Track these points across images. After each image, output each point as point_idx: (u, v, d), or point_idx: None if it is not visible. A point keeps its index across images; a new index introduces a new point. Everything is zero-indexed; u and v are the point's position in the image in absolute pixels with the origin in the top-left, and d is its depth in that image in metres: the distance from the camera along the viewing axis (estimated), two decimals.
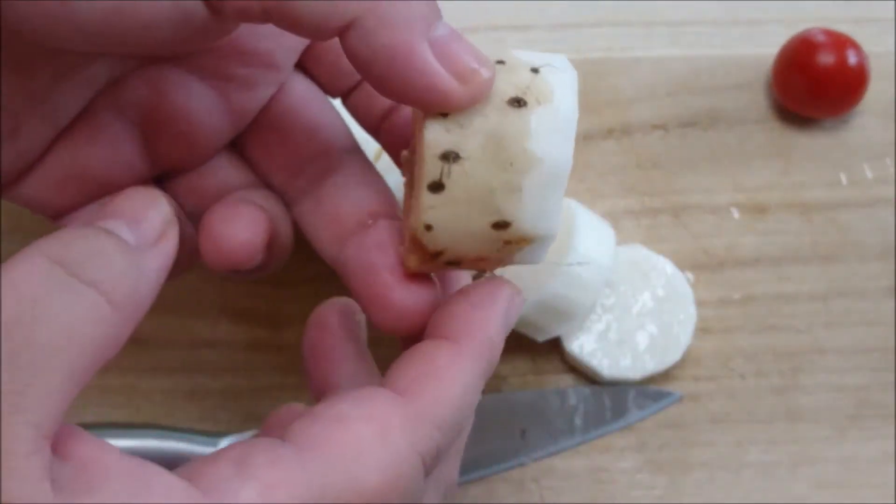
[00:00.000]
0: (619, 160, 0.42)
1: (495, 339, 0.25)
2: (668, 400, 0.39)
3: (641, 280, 0.39)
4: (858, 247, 0.42)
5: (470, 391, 0.24)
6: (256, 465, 0.21)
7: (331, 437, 0.22)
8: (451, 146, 0.24)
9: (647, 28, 0.44)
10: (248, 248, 0.26)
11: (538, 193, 0.24)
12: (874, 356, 0.41)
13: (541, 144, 0.24)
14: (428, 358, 0.24)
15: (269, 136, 0.28)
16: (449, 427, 0.23)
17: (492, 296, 0.25)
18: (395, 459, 0.22)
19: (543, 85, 0.24)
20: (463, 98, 0.23)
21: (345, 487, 0.21)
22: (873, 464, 0.39)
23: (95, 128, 0.26)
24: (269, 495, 0.20)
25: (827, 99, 0.42)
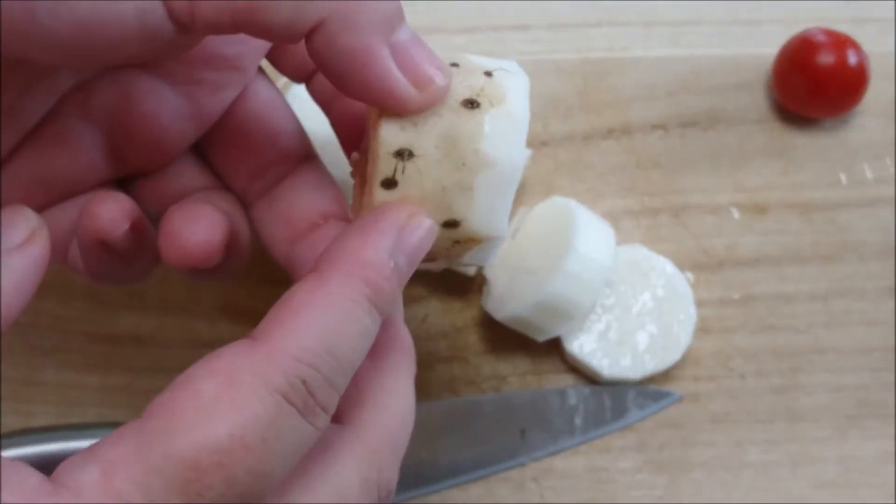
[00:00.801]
0: (619, 160, 0.42)
1: (376, 261, 0.23)
2: (668, 400, 0.39)
3: (641, 280, 0.39)
4: (858, 247, 0.42)
5: (343, 318, 0.22)
6: (101, 445, 0.21)
7: (174, 402, 0.21)
8: (406, 144, 0.24)
9: (647, 28, 0.44)
10: (207, 248, 0.26)
11: (489, 194, 0.25)
12: (874, 356, 0.41)
13: (493, 146, 0.24)
14: (288, 296, 0.23)
15: (233, 141, 0.29)
16: (317, 357, 0.22)
17: (375, 219, 0.24)
18: (244, 405, 0.21)
19: (497, 88, 0.24)
20: (419, 104, 0.23)
21: (192, 448, 0.20)
22: (873, 464, 0.39)
23: (62, 132, 0.26)
24: (110, 474, 0.20)
25: (827, 99, 0.42)
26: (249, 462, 0.20)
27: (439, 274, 0.39)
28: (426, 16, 0.44)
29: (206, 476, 0.20)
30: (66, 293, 0.40)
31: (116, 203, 0.26)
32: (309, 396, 0.21)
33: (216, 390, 0.21)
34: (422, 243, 0.24)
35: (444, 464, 0.38)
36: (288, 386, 0.21)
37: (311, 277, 0.23)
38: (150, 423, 0.21)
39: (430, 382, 0.39)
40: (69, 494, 0.20)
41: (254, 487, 0.21)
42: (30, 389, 0.39)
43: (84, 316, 0.40)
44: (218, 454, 0.20)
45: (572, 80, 0.43)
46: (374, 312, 0.23)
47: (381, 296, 0.23)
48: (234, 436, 0.20)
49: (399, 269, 0.24)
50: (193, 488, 0.20)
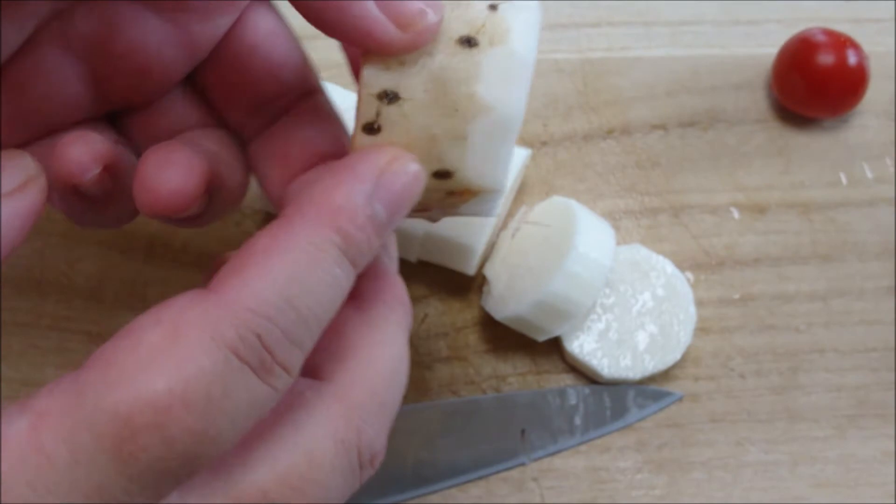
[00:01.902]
0: (619, 160, 0.42)
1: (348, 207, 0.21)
2: (668, 400, 0.39)
3: (641, 280, 0.39)
4: (858, 246, 0.42)
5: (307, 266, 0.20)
6: (36, 395, 0.19)
7: (116, 352, 0.19)
8: (390, 85, 0.22)
9: (647, 28, 0.44)
10: (181, 196, 0.24)
11: (485, 143, 0.22)
12: (874, 356, 0.41)
13: (491, 90, 0.22)
14: (250, 243, 0.21)
15: (230, 74, 0.27)
16: (274, 309, 0.19)
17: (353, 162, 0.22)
18: (187, 358, 0.18)
19: (500, 23, 0.22)
20: (401, 45, 0.21)
21: (125, 402, 0.18)
22: (873, 463, 0.39)
23: (40, 63, 0.24)
24: (38, 424, 0.18)
25: (827, 99, 0.42)
26: (189, 421, 0.18)
27: (439, 274, 0.39)
28: None
29: (141, 435, 0.18)
30: (66, 293, 0.40)
31: (87, 145, 0.24)
32: (265, 353, 0.19)
33: (159, 341, 0.19)
34: (405, 190, 0.22)
35: (444, 464, 0.38)
36: (239, 340, 0.19)
37: (277, 222, 0.21)
38: (86, 374, 0.19)
39: (430, 382, 0.39)
40: None
41: (196, 450, 0.19)
42: (30, 389, 0.39)
43: (84, 316, 0.40)
44: (154, 411, 0.18)
45: (572, 80, 0.43)
46: (344, 262, 0.21)
47: (353, 245, 0.21)
48: (174, 391, 0.18)
49: (376, 218, 0.21)
50: (126, 448, 0.18)
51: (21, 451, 0.18)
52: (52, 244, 0.40)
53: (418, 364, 0.40)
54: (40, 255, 0.40)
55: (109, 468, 0.18)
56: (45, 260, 0.40)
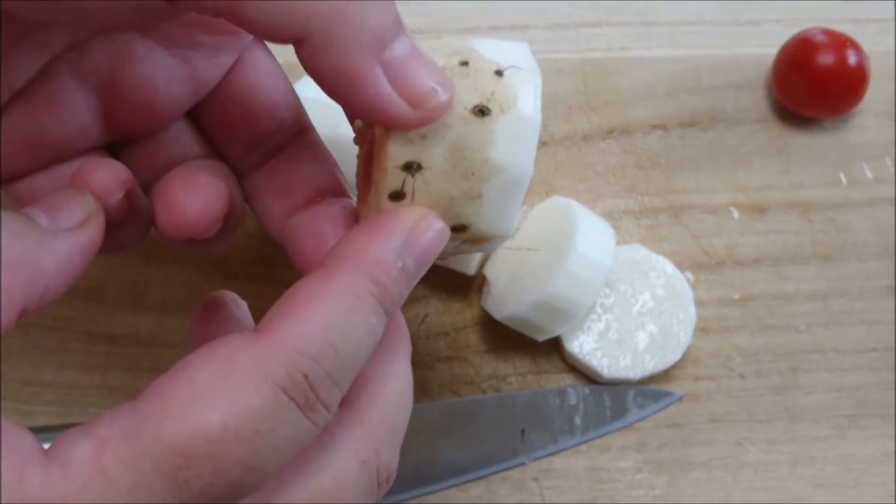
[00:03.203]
0: (619, 160, 0.42)
1: (383, 261, 0.23)
2: (668, 400, 0.39)
3: (641, 280, 0.39)
4: (858, 246, 0.42)
5: (347, 313, 0.22)
6: (97, 422, 0.21)
7: (172, 386, 0.21)
8: (414, 157, 0.24)
9: (647, 28, 0.44)
10: (206, 218, 0.25)
11: (498, 199, 0.24)
12: (874, 356, 0.41)
13: (503, 153, 0.24)
14: (293, 290, 0.22)
15: (229, 109, 0.28)
16: (319, 351, 0.21)
17: (384, 221, 0.24)
18: (240, 395, 0.20)
19: (508, 90, 0.24)
20: (416, 121, 0.23)
21: (183, 434, 0.20)
22: (873, 463, 0.39)
23: (53, 92, 0.26)
24: (101, 449, 0.20)
25: (827, 99, 0.42)
26: (240, 454, 0.20)
27: (439, 274, 0.39)
28: (425, 16, 0.44)
29: (195, 464, 0.20)
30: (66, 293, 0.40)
31: (110, 170, 0.25)
32: (310, 391, 0.21)
33: (213, 378, 0.20)
34: (432, 246, 0.24)
35: (444, 464, 0.38)
36: (288, 379, 0.21)
37: (318, 273, 0.23)
38: (145, 405, 0.20)
39: (430, 382, 0.39)
40: (58, 466, 0.20)
41: (244, 479, 0.20)
42: (30, 389, 0.39)
43: (84, 316, 0.40)
44: (209, 443, 0.20)
45: (572, 80, 0.43)
46: (379, 311, 0.23)
47: (388, 295, 0.23)
48: (228, 426, 0.20)
49: (407, 271, 0.23)
50: (182, 475, 0.20)
51: (85, 474, 0.20)
52: None
53: (418, 364, 0.40)
54: None
55: (166, 493, 0.20)
56: None
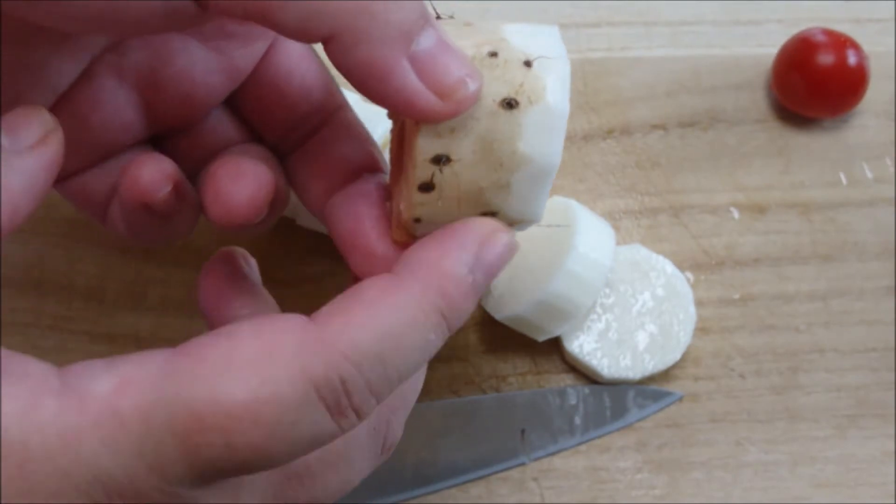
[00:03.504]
0: (619, 160, 0.42)
1: (455, 274, 0.23)
2: (668, 400, 0.39)
3: (641, 280, 0.39)
4: (858, 246, 0.42)
5: (407, 326, 0.21)
6: (126, 360, 0.21)
7: (212, 348, 0.21)
8: (442, 150, 0.24)
9: (647, 28, 0.44)
10: (254, 205, 0.26)
11: (526, 188, 0.24)
12: (874, 356, 0.41)
13: (531, 144, 0.24)
14: (359, 289, 0.22)
15: (265, 94, 0.29)
16: (366, 359, 0.21)
17: (457, 233, 0.23)
18: (273, 379, 0.20)
19: (536, 81, 0.24)
20: (445, 113, 0.23)
21: (204, 400, 0.20)
22: (873, 463, 0.39)
23: (96, 93, 0.26)
24: (121, 391, 0.20)
25: (827, 99, 0.42)
26: (254, 437, 0.20)
27: None
28: None
29: (208, 432, 0.20)
30: (66, 293, 0.40)
31: (158, 165, 0.26)
32: (344, 396, 0.21)
33: (253, 354, 0.20)
34: (501, 260, 0.24)
35: (444, 464, 0.38)
36: (325, 379, 0.20)
37: (388, 277, 0.23)
38: (178, 359, 0.20)
39: (430, 382, 0.39)
40: (74, 399, 0.20)
41: (252, 461, 0.20)
42: None
43: (84, 316, 0.40)
44: (227, 417, 0.20)
45: (572, 80, 0.43)
46: (442, 327, 0.22)
47: (455, 311, 0.23)
48: (249, 406, 0.20)
49: (476, 285, 0.23)
50: (193, 439, 0.20)
51: (100, 409, 0.20)
52: (52, 244, 0.40)
53: None
54: (40, 255, 0.40)
55: (174, 450, 0.20)
56: (45, 260, 0.40)
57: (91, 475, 0.20)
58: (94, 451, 0.19)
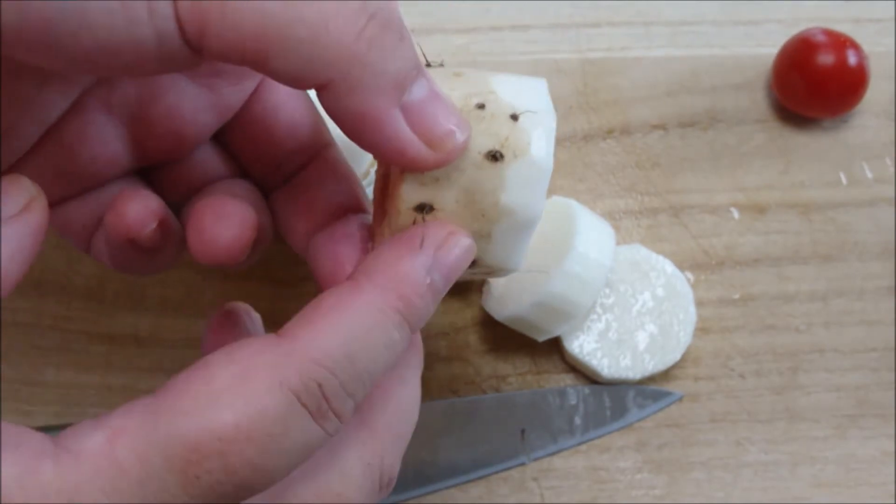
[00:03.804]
0: (619, 160, 0.42)
1: (412, 277, 0.23)
2: (668, 400, 0.39)
3: (641, 280, 0.39)
4: (858, 246, 0.42)
5: (369, 327, 0.22)
6: (111, 415, 0.21)
7: (191, 382, 0.21)
8: (426, 199, 0.24)
9: (647, 28, 0.44)
10: (238, 246, 0.26)
11: (507, 238, 0.25)
12: (874, 356, 0.41)
13: (514, 197, 0.24)
14: (319, 300, 0.23)
15: (253, 131, 0.29)
16: (336, 362, 0.22)
17: (413, 237, 0.24)
18: (255, 396, 0.21)
19: (521, 135, 0.24)
20: (433, 162, 0.23)
21: (195, 431, 0.20)
22: (873, 463, 0.39)
23: (84, 126, 0.27)
24: (114, 440, 0.20)
25: (827, 99, 0.42)
26: (250, 454, 0.20)
27: None
28: (426, 16, 0.44)
29: (206, 461, 0.20)
30: (66, 293, 0.40)
31: (144, 202, 0.26)
32: (323, 400, 0.22)
33: (230, 379, 0.21)
34: (459, 262, 0.24)
35: (444, 464, 0.38)
36: (303, 387, 0.21)
37: (346, 284, 0.23)
38: (161, 400, 0.21)
39: (430, 382, 0.39)
40: (69, 458, 0.20)
41: (252, 479, 0.21)
42: (30, 389, 0.39)
43: (84, 316, 0.40)
44: (220, 441, 0.20)
45: (572, 80, 0.43)
46: (404, 326, 0.23)
47: (414, 312, 0.23)
48: (240, 426, 0.20)
49: (434, 286, 0.24)
50: (192, 470, 0.20)
51: (97, 462, 0.20)
52: (52, 244, 0.40)
53: None
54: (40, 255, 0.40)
55: (176, 486, 0.20)
56: (45, 260, 0.40)
57: None
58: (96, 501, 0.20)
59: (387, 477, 0.25)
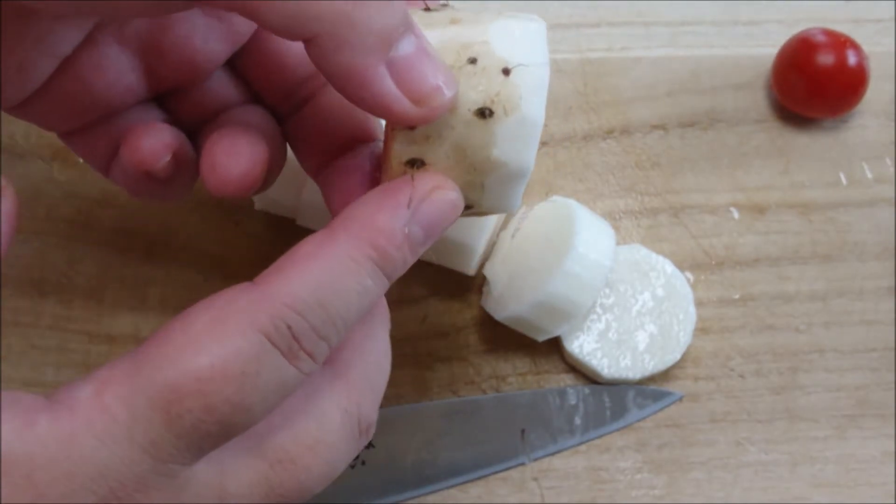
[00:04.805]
0: (619, 160, 0.42)
1: (387, 228, 0.24)
2: (668, 400, 0.39)
3: (641, 280, 0.39)
4: (858, 247, 0.42)
5: (341, 274, 0.23)
6: (99, 369, 0.23)
7: (172, 331, 0.22)
8: (417, 155, 0.24)
9: (647, 28, 0.44)
10: (248, 181, 0.27)
11: (500, 187, 0.25)
12: (874, 356, 0.41)
13: (504, 151, 0.24)
14: (294, 249, 0.24)
15: (265, 58, 0.29)
16: (306, 306, 0.22)
17: (396, 189, 0.24)
18: (229, 338, 0.22)
19: (513, 90, 0.24)
20: (418, 119, 0.23)
21: (174, 373, 0.21)
22: (872, 463, 0.39)
23: (98, 59, 0.27)
24: (102, 390, 0.22)
25: (827, 99, 0.42)
26: (228, 392, 0.22)
27: (439, 274, 0.39)
28: None
29: (186, 400, 0.21)
30: (66, 293, 0.40)
31: (158, 135, 0.27)
32: (293, 341, 0.22)
33: (206, 324, 0.22)
34: (442, 216, 0.25)
35: (444, 464, 0.38)
36: (273, 328, 0.22)
37: (322, 233, 0.24)
38: (144, 350, 0.22)
39: (430, 382, 0.39)
40: (63, 408, 0.22)
41: (232, 417, 0.22)
42: (30, 389, 0.38)
43: (84, 316, 0.40)
44: (198, 381, 0.21)
45: (572, 80, 0.43)
46: (378, 275, 0.24)
47: (389, 262, 0.24)
48: (215, 366, 0.21)
49: (413, 238, 0.24)
50: (174, 409, 0.21)
51: (88, 411, 0.22)
52: (51, 244, 0.40)
53: (418, 364, 0.40)
54: (40, 255, 0.40)
55: (161, 426, 0.21)
56: (45, 260, 0.40)
57: (93, 472, 0.21)
58: (91, 448, 0.21)
59: (365, 423, 0.26)
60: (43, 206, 0.41)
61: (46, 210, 0.41)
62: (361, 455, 0.37)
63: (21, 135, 0.41)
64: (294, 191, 0.37)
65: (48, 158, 0.41)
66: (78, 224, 0.40)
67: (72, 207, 0.41)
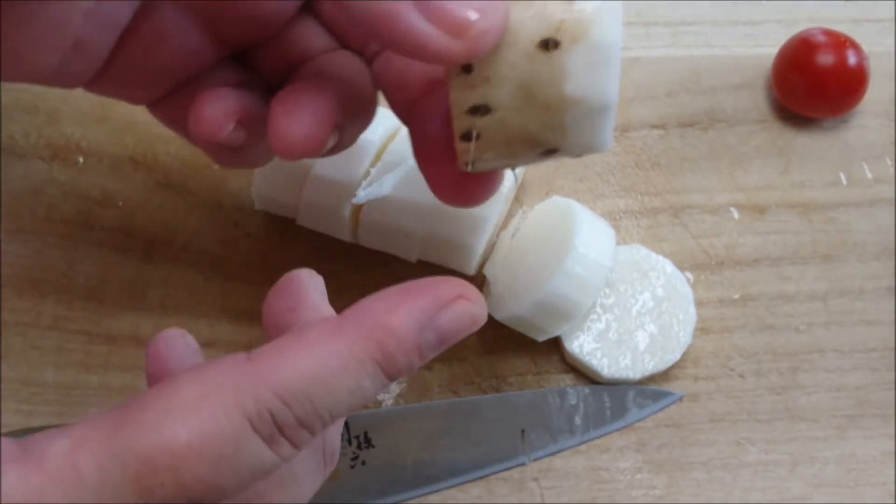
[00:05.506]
0: (619, 160, 0.42)
1: (399, 332, 0.22)
2: (668, 400, 0.39)
3: (641, 280, 0.39)
4: (858, 246, 0.42)
5: (338, 371, 0.22)
6: (79, 424, 0.22)
7: (156, 398, 0.22)
8: (479, 100, 0.22)
9: (647, 28, 0.44)
10: (313, 140, 0.26)
11: (583, 125, 0.22)
12: (874, 356, 0.41)
13: (580, 85, 0.21)
14: (302, 330, 0.23)
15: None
16: (294, 398, 0.22)
17: (419, 290, 0.23)
18: (212, 416, 0.21)
19: (579, 16, 0.21)
20: (461, 53, 0.21)
21: (150, 445, 0.21)
22: (873, 463, 0.39)
23: (158, 24, 0.27)
24: (77, 448, 0.21)
25: (827, 99, 0.42)
26: (202, 472, 0.21)
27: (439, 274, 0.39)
28: None
29: (159, 474, 0.21)
30: (66, 293, 0.40)
31: (220, 103, 0.26)
32: (275, 429, 0.22)
33: (192, 396, 0.21)
34: (458, 326, 0.23)
35: (444, 464, 0.38)
36: (256, 414, 0.21)
37: (333, 322, 0.23)
38: (126, 412, 0.22)
39: (430, 382, 0.39)
40: (32, 461, 0.21)
41: (204, 496, 0.21)
42: (30, 389, 0.39)
43: (84, 316, 0.40)
44: (173, 457, 0.21)
45: None
46: (379, 377, 0.23)
47: (393, 365, 0.23)
48: (192, 443, 0.21)
49: (425, 345, 0.23)
50: (146, 482, 0.21)
51: (60, 468, 0.21)
52: (52, 244, 0.40)
53: None
54: (40, 255, 0.40)
55: (131, 497, 0.21)
56: (45, 260, 0.40)
57: None
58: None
59: (329, 450, 0.26)
60: (43, 206, 0.41)
61: (46, 210, 0.41)
62: (361, 455, 0.37)
63: (21, 135, 0.41)
64: (294, 191, 0.37)
65: (48, 158, 0.41)
66: (78, 224, 0.41)
67: (72, 207, 0.41)
